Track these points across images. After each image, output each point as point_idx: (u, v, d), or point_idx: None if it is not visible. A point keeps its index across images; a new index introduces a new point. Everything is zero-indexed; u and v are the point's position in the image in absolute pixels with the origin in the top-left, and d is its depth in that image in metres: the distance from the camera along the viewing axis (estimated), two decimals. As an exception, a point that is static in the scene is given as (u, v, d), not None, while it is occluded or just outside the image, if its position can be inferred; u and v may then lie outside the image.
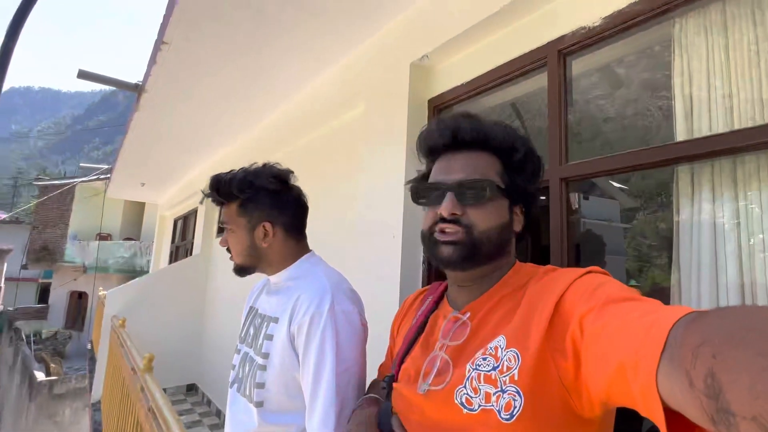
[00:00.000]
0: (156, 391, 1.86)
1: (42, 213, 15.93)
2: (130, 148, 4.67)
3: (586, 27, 1.41)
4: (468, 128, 0.68)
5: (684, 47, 1.26)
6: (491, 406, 0.54)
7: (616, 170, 1.37)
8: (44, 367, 10.49)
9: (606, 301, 0.49)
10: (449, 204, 0.64)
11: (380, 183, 2.08)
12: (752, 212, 1.09)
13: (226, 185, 1.03)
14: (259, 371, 0.93)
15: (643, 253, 6.33)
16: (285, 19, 2.16)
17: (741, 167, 1.13)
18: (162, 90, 3.11)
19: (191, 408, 4.49)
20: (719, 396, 0.30)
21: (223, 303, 4.65)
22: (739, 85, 1.14)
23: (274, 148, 3.56)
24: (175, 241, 7.32)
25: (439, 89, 2.00)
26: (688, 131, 1.22)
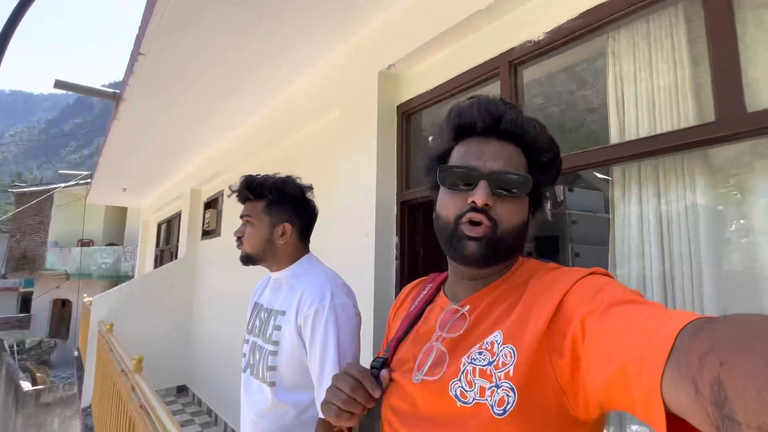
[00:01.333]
0: (146, 389, 1.96)
1: (20, 220, 15.57)
2: (110, 155, 4.68)
3: (532, 40, 1.55)
4: (512, 119, 0.64)
5: (616, 59, 1.41)
6: (485, 401, 0.54)
7: (564, 171, 1.52)
8: (30, 377, 10.34)
9: (610, 302, 0.48)
10: (484, 193, 0.60)
11: (354, 184, 2.21)
12: (671, 209, 1.25)
13: (258, 185, 1.21)
14: (270, 356, 1.10)
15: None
16: (258, 30, 2.26)
17: (662, 168, 1.29)
18: (140, 99, 3.17)
19: (182, 408, 4.57)
20: (725, 404, 0.29)
21: (210, 305, 4.72)
22: (661, 94, 1.30)
23: (255, 151, 3.64)
24: (159, 245, 7.31)
25: (406, 96, 2.13)
26: (620, 134, 1.38)
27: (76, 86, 3.53)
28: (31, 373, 10.76)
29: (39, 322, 15.43)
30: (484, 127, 0.65)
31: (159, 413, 1.72)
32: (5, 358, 11.22)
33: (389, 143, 2.14)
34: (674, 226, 1.24)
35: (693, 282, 1.19)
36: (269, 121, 3.34)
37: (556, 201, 3.48)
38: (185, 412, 4.44)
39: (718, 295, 1.15)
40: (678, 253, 1.23)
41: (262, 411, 1.08)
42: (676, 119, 1.24)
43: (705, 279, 1.17)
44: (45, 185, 16.48)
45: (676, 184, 1.25)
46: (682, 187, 1.24)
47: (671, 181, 1.26)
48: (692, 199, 1.21)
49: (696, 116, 1.20)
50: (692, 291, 1.19)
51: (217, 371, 4.29)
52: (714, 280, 1.16)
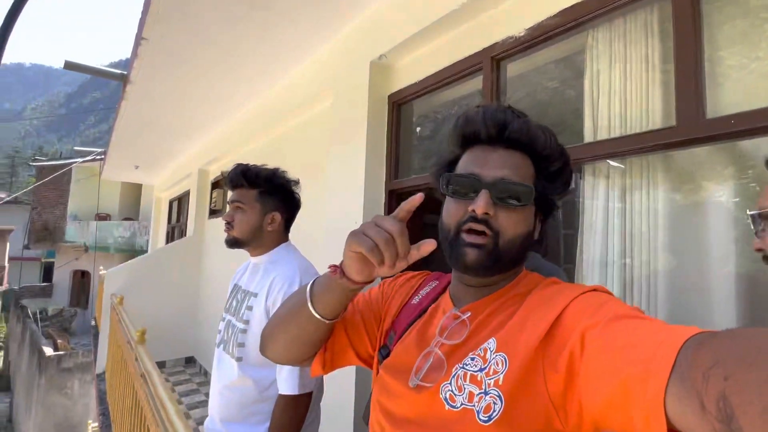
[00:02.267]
0: (147, 360, 2.11)
1: (41, 193, 16.11)
2: (120, 133, 4.81)
3: (513, 36, 1.57)
4: (517, 127, 0.63)
5: (593, 57, 1.42)
6: (472, 406, 0.54)
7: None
8: (52, 343, 10.91)
9: (611, 318, 0.47)
10: (484, 202, 0.59)
11: (343, 172, 2.27)
12: (634, 209, 1.29)
13: (254, 174, 1.29)
14: (240, 334, 1.20)
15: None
16: (251, 20, 2.29)
17: (628, 168, 1.32)
18: (145, 81, 3.25)
19: (189, 378, 4.82)
20: (732, 420, 0.29)
21: (216, 281, 4.90)
22: (633, 95, 1.32)
23: (255, 135, 3.72)
24: (171, 221, 7.53)
25: (397, 86, 2.16)
26: (593, 133, 1.40)
27: (85, 67, 3.62)
28: (52, 339, 11.34)
29: (60, 291, 16.14)
30: (489, 135, 0.64)
31: (155, 382, 1.86)
32: (29, 324, 11.84)
33: (379, 132, 2.18)
34: (636, 223, 1.28)
35: (650, 273, 1.24)
36: (267, 107, 3.40)
37: (570, 187, 3.48)
38: (192, 382, 4.69)
39: (671, 288, 1.20)
40: (638, 249, 1.27)
41: (229, 384, 1.19)
42: (645, 121, 1.27)
43: (660, 270, 1.22)
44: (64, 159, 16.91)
45: (640, 183, 1.29)
46: (646, 186, 1.28)
47: (636, 179, 1.30)
48: (654, 198, 1.25)
49: (663, 119, 1.22)
50: (648, 282, 1.24)
51: (221, 344, 4.49)
52: (668, 273, 1.21)
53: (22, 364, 11.74)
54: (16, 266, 17.75)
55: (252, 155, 4.04)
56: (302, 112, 3.02)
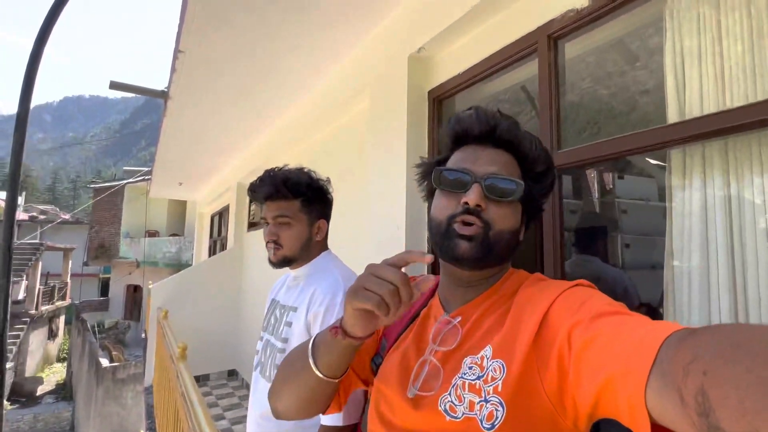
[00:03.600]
0: (187, 378, 2.04)
1: (97, 213, 17.25)
2: (164, 151, 4.97)
3: (574, 9, 1.37)
4: (507, 127, 0.67)
5: (676, 24, 1.20)
6: (474, 415, 0.54)
7: (608, 156, 1.34)
8: (108, 355, 11.49)
9: (595, 314, 0.49)
10: (476, 194, 0.62)
11: (384, 175, 2.13)
12: (743, 197, 1.05)
13: (295, 183, 1.14)
14: (279, 355, 1.06)
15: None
16: (287, 22, 2.23)
17: (732, 150, 1.08)
18: (184, 96, 3.29)
19: (232, 392, 4.81)
20: (710, 414, 0.30)
21: (256, 294, 4.90)
22: (732, 62, 1.09)
23: (291, 144, 3.68)
24: (212, 236, 7.73)
25: (438, 80, 2.00)
26: (680, 113, 1.18)
27: (129, 86, 3.74)
28: (108, 351, 11.94)
29: (115, 305, 17.09)
30: (480, 134, 0.68)
31: (194, 402, 1.77)
32: (88, 337, 12.56)
33: (420, 131, 2.03)
34: (747, 218, 1.04)
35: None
36: (303, 114, 3.34)
37: (604, 189, 3.19)
38: (234, 396, 4.67)
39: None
40: (752, 249, 1.03)
41: (265, 413, 1.05)
42: (752, 92, 1.03)
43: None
44: (118, 181, 18.07)
45: (751, 169, 1.05)
46: (758, 172, 1.04)
47: (744, 164, 1.06)
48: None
49: (778, 87, 0.99)
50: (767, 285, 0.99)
51: (262, 358, 4.46)
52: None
53: (82, 374, 12.44)
54: (77, 282, 19.03)
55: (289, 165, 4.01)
56: (339, 116, 2.93)
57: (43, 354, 17.03)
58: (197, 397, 1.83)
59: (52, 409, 13.88)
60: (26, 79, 1.29)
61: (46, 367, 17.51)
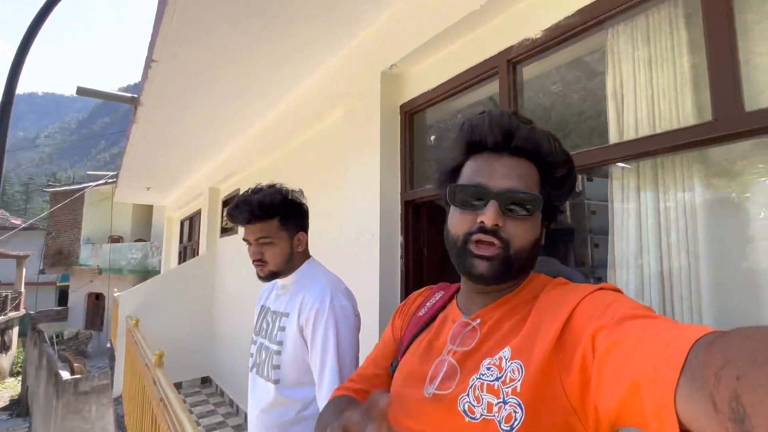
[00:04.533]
0: (166, 384, 2.07)
1: (55, 218, 16.38)
2: (132, 156, 4.86)
3: (529, 38, 1.53)
4: (524, 134, 0.63)
5: (615, 55, 1.38)
6: (492, 416, 0.53)
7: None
8: (68, 367, 10.94)
9: (620, 318, 0.47)
10: (493, 213, 0.60)
11: (359, 184, 2.24)
12: (669, 209, 1.23)
13: (270, 205, 1.21)
14: (275, 356, 1.16)
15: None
16: (262, 34, 2.30)
17: (661, 166, 1.26)
18: (156, 103, 3.28)
19: (206, 399, 4.76)
20: (745, 420, 0.29)
21: (230, 300, 4.88)
22: (660, 91, 1.27)
23: (267, 151, 3.72)
24: (182, 241, 7.57)
25: (409, 95, 2.13)
26: (619, 133, 1.35)
27: (97, 92, 3.67)
28: (69, 362, 11.37)
29: (75, 314, 16.27)
30: (495, 143, 0.64)
31: (176, 408, 1.81)
32: (46, 348, 11.90)
33: (393, 143, 2.15)
34: (672, 225, 1.22)
35: (690, 279, 1.17)
36: (278, 123, 3.41)
37: (575, 191, 3.43)
38: (209, 403, 4.63)
39: (715, 293, 1.13)
40: (676, 251, 1.21)
41: (266, 408, 1.15)
42: (676, 118, 1.22)
43: (702, 276, 1.15)
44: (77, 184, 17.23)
45: (675, 183, 1.23)
46: (681, 187, 1.22)
47: (669, 179, 1.24)
48: (691, 198, 1.19)
49: (695, 115, 1.17)
50: (689, 287, 1.17)
51: (237, 364, 4.45)
52: (711, 277, 1.14)
53: (39, 388, 11.78)
54: (32, 291, 17.98)
55: (263, 172, 4.04)
56: (314, 125, 3.01)
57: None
58: (177, 401, 1.87)
59: (6, 426, 13.05)
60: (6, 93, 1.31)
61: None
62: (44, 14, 2.10)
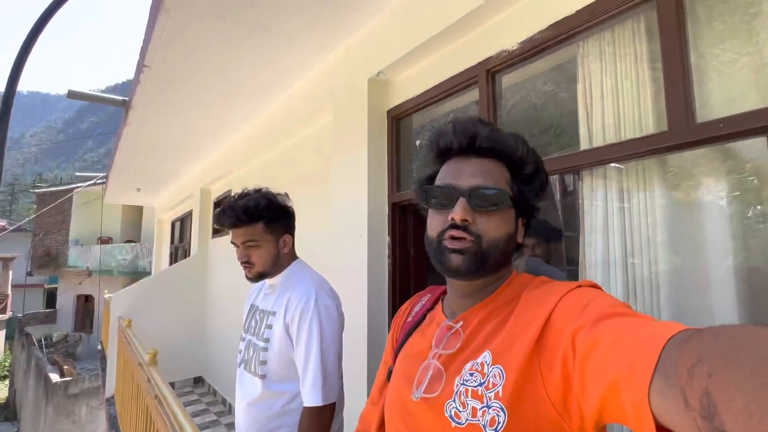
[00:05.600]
0: (160, 381, 2.12)
1: (42, 220, 16.16)
2: (122, 157, 4.88)
3: (506, 50, 1.62)
4: (486, 135, 0.66)
5: (585, 66, 1.48)
6: (477, 421, 0.55)
7: (536, 174, 1.60)
8: (58, 369, 10.85)
9: (597, 317, 0.48)
10: (461, 209, 0.63)
11: (348, 187, 2.32)
12: (633, 212, 1.33)
13: (254, 209, 1.27)
14: (262, 352, 1.24)
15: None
16: (249, 42, 2.36)
17: (625, 171, 1.36)
18: (147, 106, 3.32)
19: (198, 398, 4.81)
20: (714, 416, 0.30)
21: (222, 300, 4.92)
22: (624, 103, 1.37)
23: (257, 154, 3.78)
24: (174, 242, 7.57)
25: (396, 101, 2.21)
26: (589, 140, 1.45)
27: (88, 95, 3.70)
28: (58, 365, 11.28)
29: (64, 316, 16.09)
30: (460, 147, 0.68)
31: (171, 404, 1.87)
32: (34, 351, 11.79)
33: (380, 147, 2.23)
34: (635, 225, 1.32)
35: (651, 275, 1.27)
36: (268, 126, 3.47)
37: (566, 190, 3.52)
38: (201, 402, 4.67)
39: (672, 289, 1.23)
40: (639, 250, 1.31)
41: (253, 401, 1.22)
42: (638, 127, 1.31)
43: (661, 273, 1.25)
44: (64, 185, 17.01)
45: (637, 186, 1.33)
46: (642, 189, 1.32)
47: (632, 183, 1.34)
48: (651, 201, 1.29)
49: (655, 124, 1.27)
50: (651, 284, 1.27)
51: (229, 363, 4.50)
52: (669, 275, 1.24)
53: (28, 392, 11.66)
54: (20, 294, 17.71)
55: (254, 173, 4.10)
56: (302, 128, 3.08)
57: (-19, 373, 15.74)
58: (173, 398, 1.93)
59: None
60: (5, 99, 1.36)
61: (-16, 386, 16.18)
62: (48, 15, 2.13)
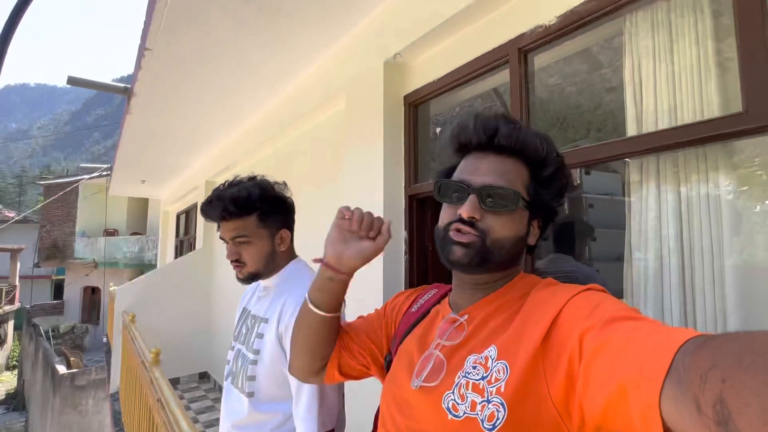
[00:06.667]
0: (163, 383, 2.01)
1: (49, 211, 16.20)
2: (126, 148, 4.76)
3: (543, 25, 1.46)
4: (506, 133, 0.65)
5: (633, 44, 1.31)
6: (475, 415, 0.54)
7: (575, 165, 1.44)
8: (65, 361, 10.89)
9: (607, 319, 0.48)
10: (469, 206, 0.63)
11: (362, 177, 2.17)
12: (692, 203, 1.17)
13: (246, 199, 1.08)
14: (250, 365, 1.05)
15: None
16: (260, 22, 2.21)
17: (683, 161, 1.20)
18: (150, 93, 3.18)
19: (204, 394, 4.72)
20: (729, 422, 0.29)
21: (227, 294, 4.82)
22: (682, 83, 1.20)
23: (264, 143, 3.63)
24: (179, 235, 7.48)
25: (413, 86, 2.05)
26: (638, 127, 1.29)
27: (89, 82, 3.56)
28: (65, 356, 11.33)
29: (71, 308, 16.18)
30: (479, 143, 0.68)
31: (173, 407, 1.76)
32: (42, 342, 11.84)
33: (396, 136, 2.08)
34: (695, 220, 1.16)
35: (714, 275, 1.12)
36: (276, 114, 3.32)
37: (572, 185, 3.38)
38: (207, 398, 4.59)
39: (740, 289, 1.08)
40: (699, 248, 1.15)
41: (238, 422, 1.05)
42: (699, 109, 1.15)
43: (727, 274, 1.09)
44: (71, 177, 17.02)
45: (698, 177, 1.17)
46: (704, 180, 1.16)
47: (692, 173, 1.18)
48: (715, 193, 1.13)
49: (722, 106, 1.11)
50: (713, 283, 1.12)
51: (236, 359, 4.41)
52: (736, 275, 1.08)
53: (36, 382, 11.74)
54: (27, 285, 17.84)
55: (261, 164, 3.96)
56: (314, 117, 2.92)
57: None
58: (175, 401, 1.81)
59: (3, 420, 13.04)
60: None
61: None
62: (24, 4, 1.99)
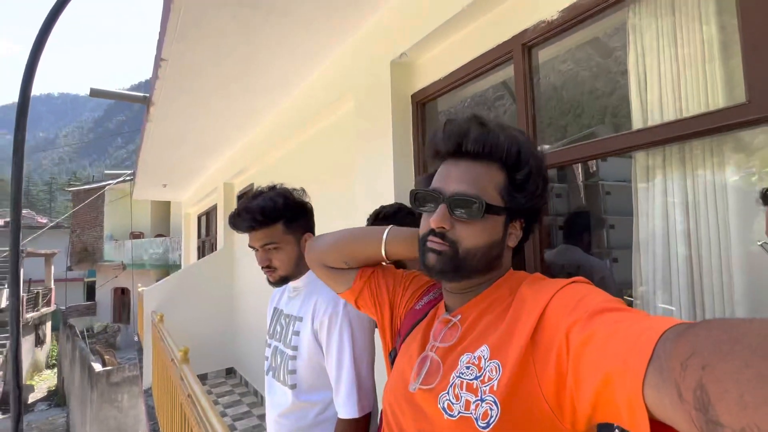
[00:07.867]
0: (192, 380, 2.12)
1: (78, 217, 16.86)
2: (147, 154, 4.93)
3: (545, 20, 1.46)
4: (474, 137, 0.64)
5: (637, 37, 1.31)
6: (470, 414, 0.55)
7: (580, 159, 1.45)
8: (100, 359, 11.40)
9: (591, 312, 0.48)
10: (438, 217, 0.63)
11: (372, 176, 2.21)
12: (698, 195, 1.17)
13: (272, 210, 1.16)
14: (290, 361, 1.16)
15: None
16: (268, 26, 2.26)
17: (689, 153, 1.20)
18: (168, 101, 3.29)
19: (231, 389, 4.90)
20: (708, 408, 0.30)
21: (249, 292, 4.96)
22: (687, 74, 1.20)
23: (278, 145, 3.72)
24: (201, 236, 7.70)
25: (420, 84, 2.08)
26: (643, 120, 1.29)
27: (110, 93, 3.71)
28: (100, 355, 11.85)
29: (103, 308, 16.87)
30: (447, 151, 0.67)
31: (202, 402, 1.86)
32: (78, 342, 12.42)
33: (405, 134, 2.11)
34: (701, 211, 1.17)
35: (722, 266, 1.12)
36: (288, 116, 3.39)
37: (589, 172, 3.33)
38: (234, 393, 4.76)
39: (747, 279, 1.08)
40: (706, 239, 1.16)
41: (283, 412, 1.15)
42: (704, 100, 1.15)
43: (734, 266, 1.10)
44: (97, 183, 17.65)
45: (704, 168, 1.17)
46: (710, 171, 1.16)
47: (698, 164, 1.18)
48: (722, 184, 1.13)
49: (726, 97, 1.10)
50: (720, 273, 1.12)
51: (259, 354, 4.53)
52: (743, 267, 1.09)
53: (74, 380, 12.34)
54: (61, 287, 18.65)
55: (276, 165, 4.05)
56: (324, 117, 2.98)
57: (32, 361, 16.78)
58: (204, 397, 1.91)
59: (46, 415, 13.77)
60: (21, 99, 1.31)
61: (35, 374, 17.27)
62: (56, 14, 2.07)
